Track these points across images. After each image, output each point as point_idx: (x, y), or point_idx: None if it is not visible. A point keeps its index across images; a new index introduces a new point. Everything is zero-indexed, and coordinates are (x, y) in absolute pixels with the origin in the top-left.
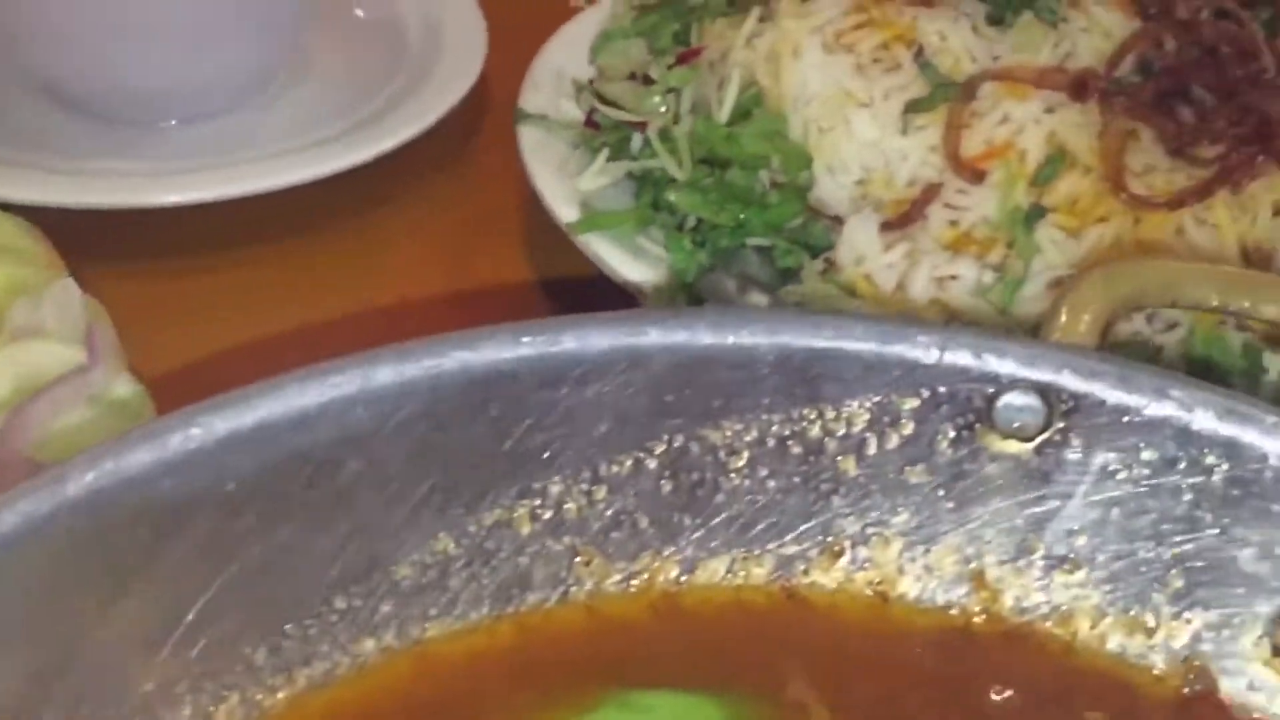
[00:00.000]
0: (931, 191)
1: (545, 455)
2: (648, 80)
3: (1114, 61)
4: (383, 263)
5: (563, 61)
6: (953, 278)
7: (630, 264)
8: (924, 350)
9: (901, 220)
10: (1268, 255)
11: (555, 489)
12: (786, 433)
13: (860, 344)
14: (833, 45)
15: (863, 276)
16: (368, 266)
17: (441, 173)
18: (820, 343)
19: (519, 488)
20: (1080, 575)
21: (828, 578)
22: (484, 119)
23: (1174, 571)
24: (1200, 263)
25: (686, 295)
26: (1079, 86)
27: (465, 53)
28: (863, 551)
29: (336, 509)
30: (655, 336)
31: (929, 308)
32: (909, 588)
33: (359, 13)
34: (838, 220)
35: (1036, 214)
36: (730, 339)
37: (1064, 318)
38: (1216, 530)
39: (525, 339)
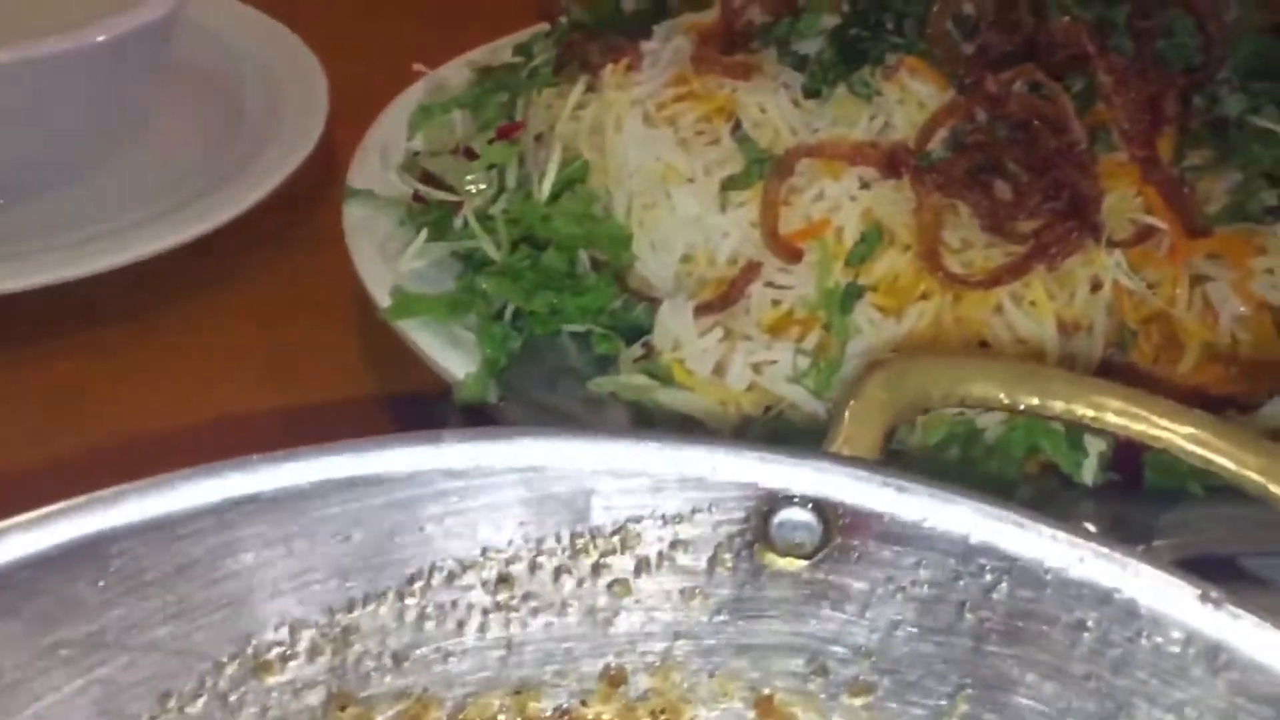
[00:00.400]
0: (751, 271)
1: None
2: (471, 155)
3: (923, 137)
4: (208, 351)
5: (396, 132)
6: (771, 362)
7: (449, 352)
8: (696, 466)
9: (721, 301)
10: (1086, 332)
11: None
12: (555, 560)
13: (630, 461)
14: (655, 118)
15: (678, 363)
16: (191, 358)
17: (275, 248)
18: (588, 463)
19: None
20: (868, 699)
21: (609, 708)
22: (331, 190)
23: (962, 694)
24: (986, 357)
25: (498, 386)
26: (891, 162)
27: (305, 120)
28: (644, 680)
29: None
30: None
31: (746, 395)
32: (695, 715)
33: (196, 73)
34: (658, 302)
35: (853, 294)
36: (473, 461)
37: (845, 426)
38: (1000, 649)
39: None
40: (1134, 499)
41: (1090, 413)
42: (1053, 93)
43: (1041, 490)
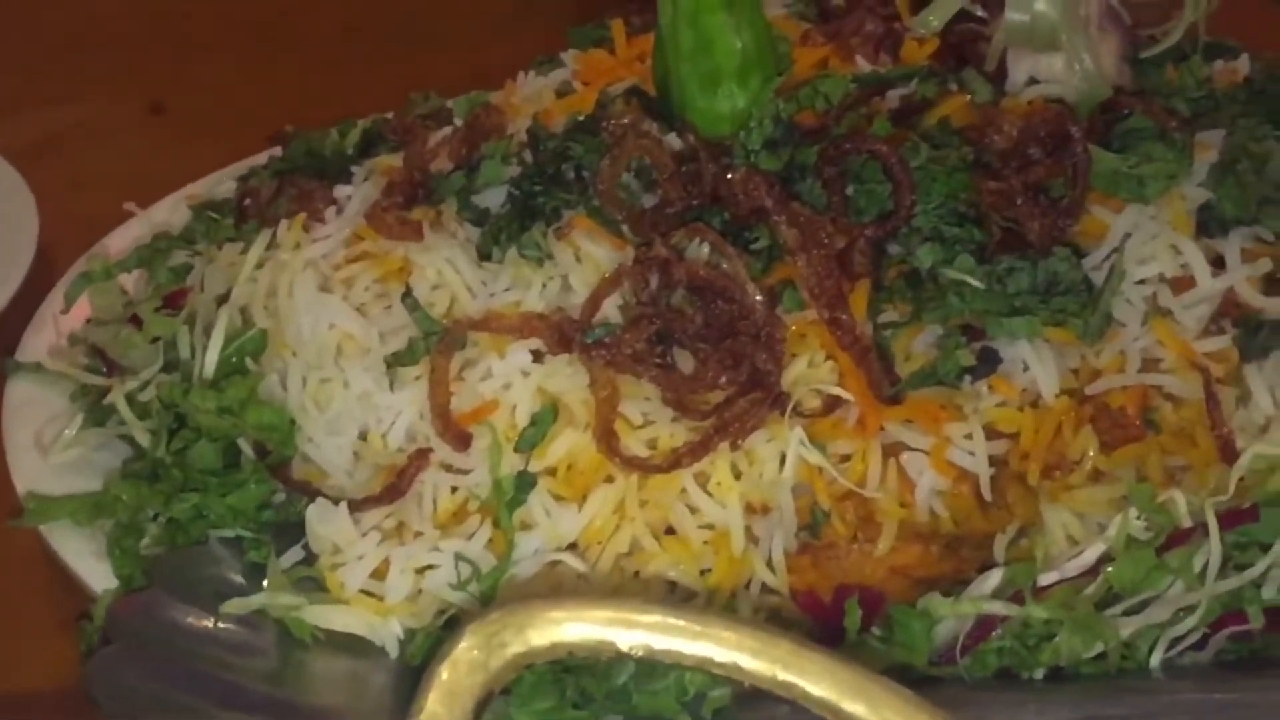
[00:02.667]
0: (420, 459)
1: None
2: (139, 324)
3: (589, 308)
4: None
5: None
6: (431, 567)
7: (92, 562)
8: None
9: (389, 493)
10: (777, 513)
11: None
12: None
13: None
14: (331, 280)
15: (334, 571)
16: None
17: None
18: None
19: None
20: None
21: None
22: None
23: None
24: (585, 602)
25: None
26: (561, 336)
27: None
28: None
29: None
30: None
31: (408, 605)
32: None
33: None
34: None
35: (526, 483)
36: None
37: (429, 703)
38: None
39: None
40: None
41: (702, 653)
42: (727, 255)
43: None
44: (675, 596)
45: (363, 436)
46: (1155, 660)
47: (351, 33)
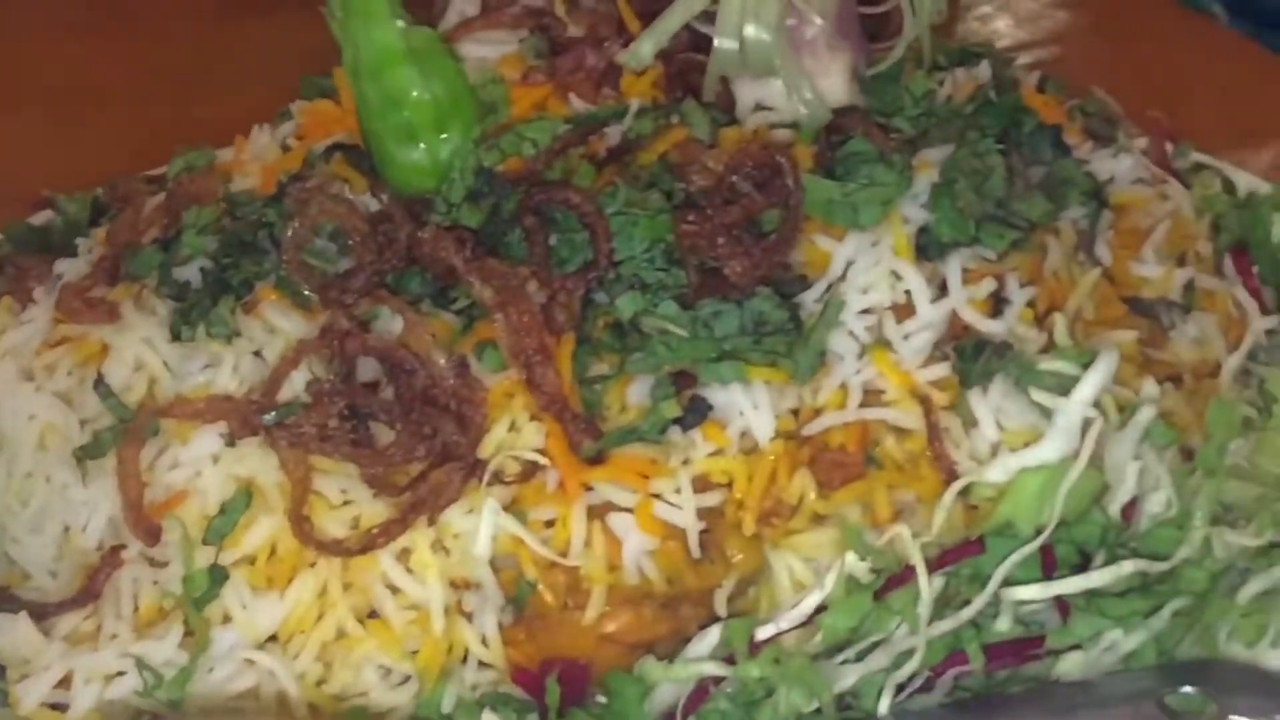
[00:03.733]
0: (112, 558)
1: None
2: None
3: (271, 386)
4: None
5: None
6: (120, 674)
7: None
8: None
9: (84, 595)
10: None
11: None
12: None
13: None
14: (34, 367)
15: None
16: None
17: None
18: None
19: None
20: None
21: None
22: None
23: None
24: None
25: None
26: (244, 419)
27: None
28: None
29: None
30: None
31: (96, 714)
32: None
33: None
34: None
35: (218, 577)
36: None
37: None
38: None
39: None
40: None
41: None
42: (409, 322)
43: None
44: (389, 682)
45: (64, 539)
46: (883, 707)
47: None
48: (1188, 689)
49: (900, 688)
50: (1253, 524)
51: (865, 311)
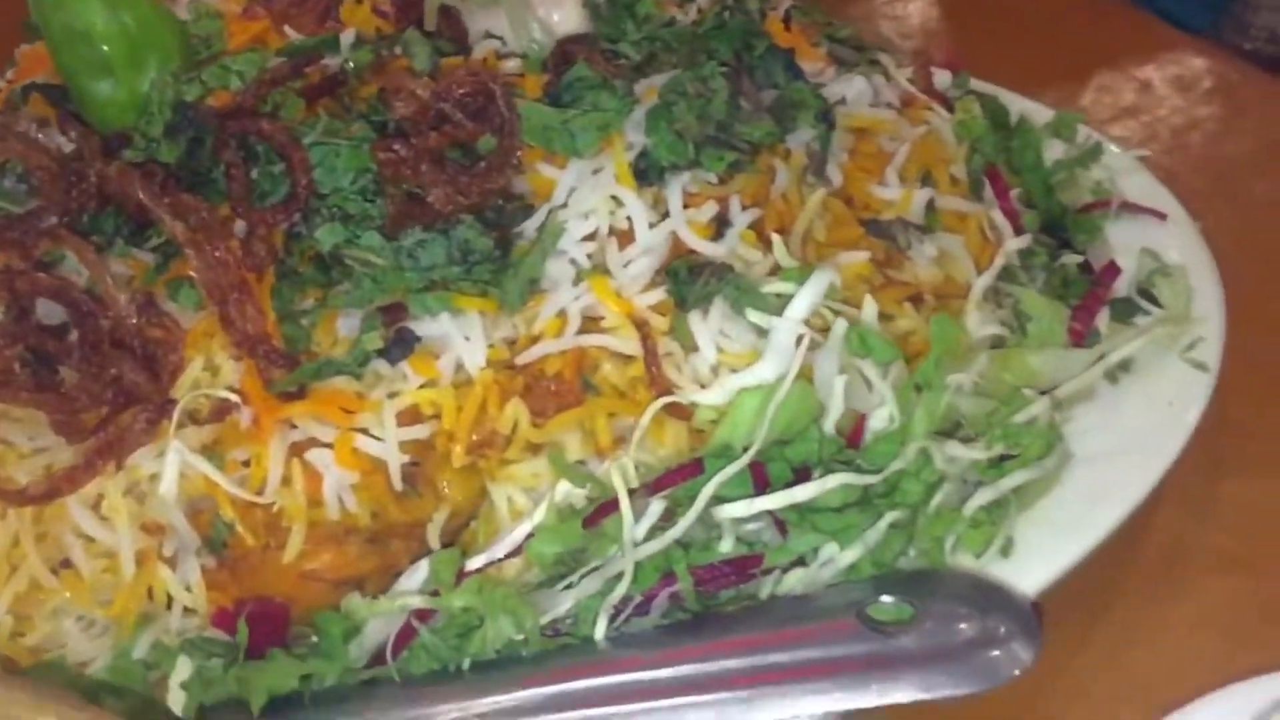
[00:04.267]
0: None
1: None
2: None
3: None
4: None
5: None
6: None
7: None
8: None
9: None
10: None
11: None
12: None
13: None
14: None
15: None
16: None
17: None
18: None
19: None
20: None
21: None
22: None
23: None
24: None
25: None
26: None
27: None
28: None
29: None
30: None
31: None
32: None
33: None
34: None
35: None
36: None
37: None
38: None
39: None
40: None
41: None
42: (87, 261)
43: None
44: (89, 633)
45: None
46: (599, 632)
47: None
48: (886, 598)
49: (618, 612)
50: (984, 438)
51: (587, 239)
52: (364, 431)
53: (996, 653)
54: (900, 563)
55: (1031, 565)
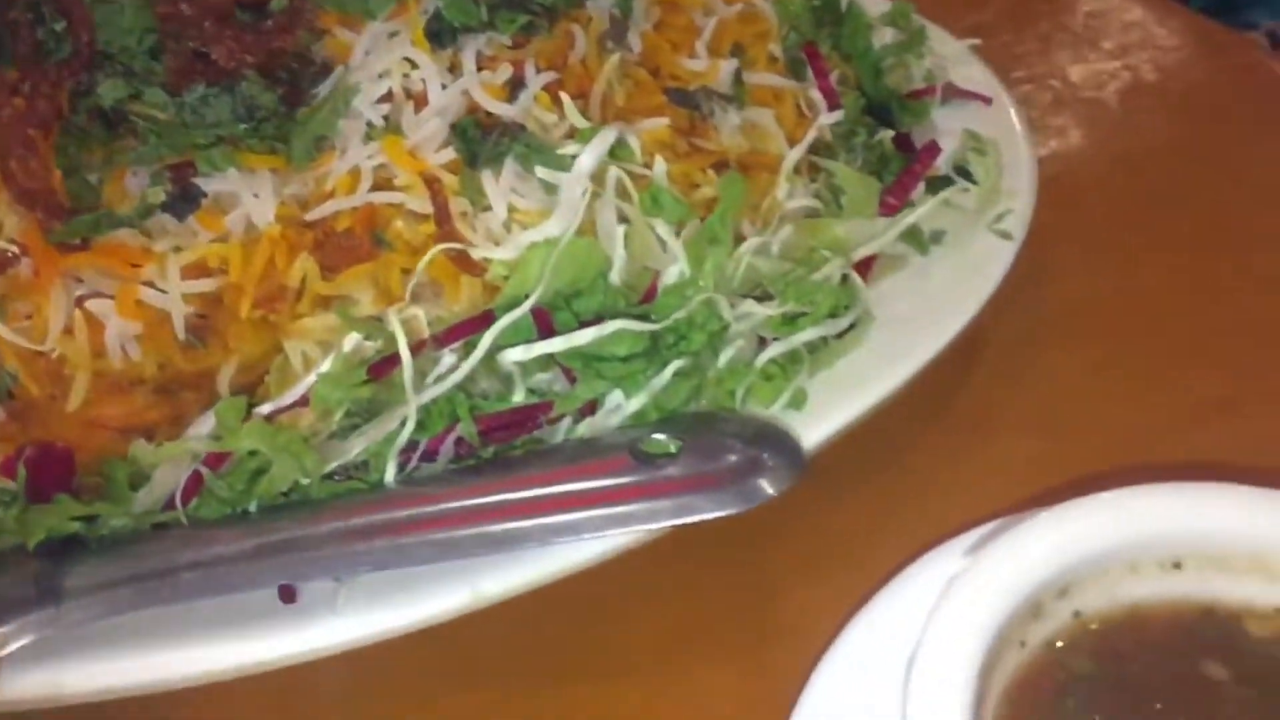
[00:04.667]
0: None
1: None
2: None
3: None
4: None
5: None
6: None
7: None
8: None
9: None
10: None
11: None
12: None
13: None
14: None
15: None
16: None
17: None
18: None
19: None
20: None
21: None
22: None
23: None
24: None
25: None
26: None
27: None
28: None
29: None
30: None
31: None
32: None
33: None
34: None
35: None
36: None
37: None
38: None
39: None
40: None
41: None
42: None
43: None
44: None
45: None
46: (389, 476)
47: None
48: (658, 435)
49: (408, 460)
50: (779, 297)
51: (383, 100)
52: (150, 285)
53: (758, 479)
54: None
55: (822, 417)
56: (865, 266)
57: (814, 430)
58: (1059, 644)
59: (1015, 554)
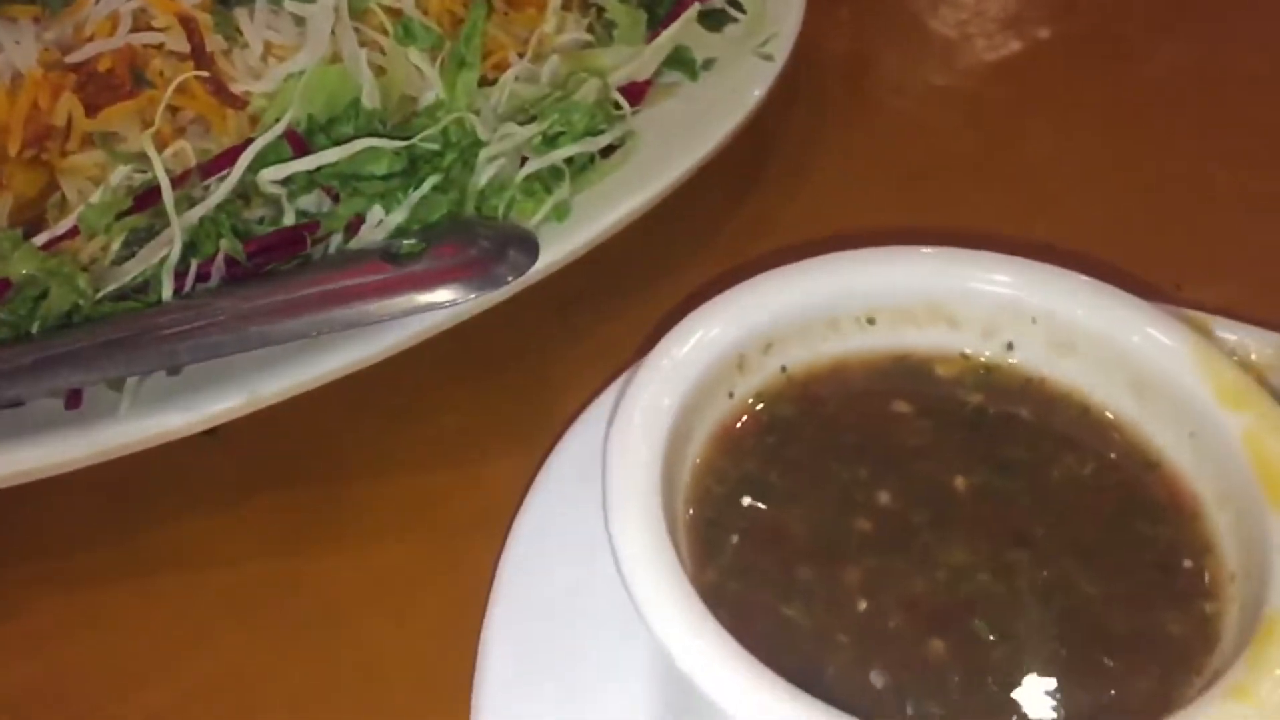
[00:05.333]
0: None
1: None
2: None
3: None
4: None
5: None
6: None
7: None
8: None
9: None
10: None
11: None
12: None
13: None
14: None
15: None
16: None
17: None
18: None
19: None
20: None
21: None
22: None
23: None
24: None
25: None
26: None
27: None
28: None
29: None
30: None
31: None
32: None
33: None
34: None
35: None
36: None
37: None
38: None
39: None
40: None
41: None
42: None
43: None
44: None
45: None
46: (166, 294)
47: None
48: (408, 241)
49: (183, 280)
50: (539, 120)
51: None
52: None
53: (498, 268)
54: None
55: (583, 227)
56: (638, 94)
57: (576, 237)
58: (764, 393)
59: (717, 311)
